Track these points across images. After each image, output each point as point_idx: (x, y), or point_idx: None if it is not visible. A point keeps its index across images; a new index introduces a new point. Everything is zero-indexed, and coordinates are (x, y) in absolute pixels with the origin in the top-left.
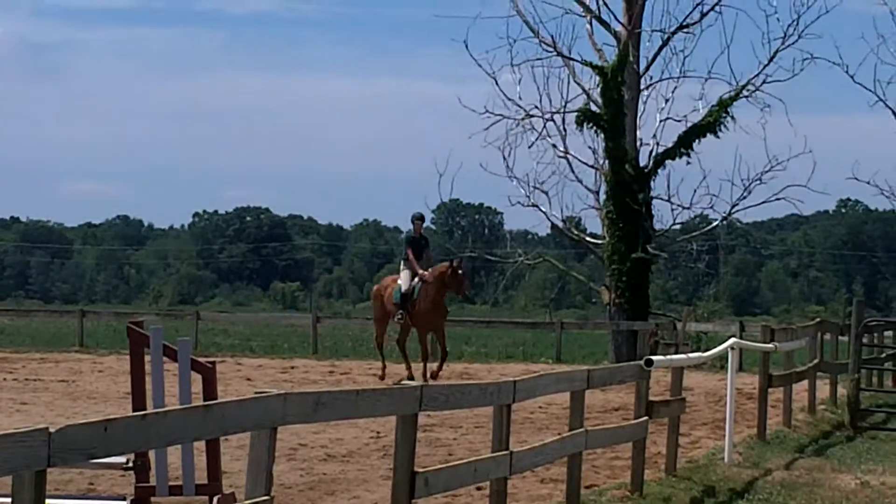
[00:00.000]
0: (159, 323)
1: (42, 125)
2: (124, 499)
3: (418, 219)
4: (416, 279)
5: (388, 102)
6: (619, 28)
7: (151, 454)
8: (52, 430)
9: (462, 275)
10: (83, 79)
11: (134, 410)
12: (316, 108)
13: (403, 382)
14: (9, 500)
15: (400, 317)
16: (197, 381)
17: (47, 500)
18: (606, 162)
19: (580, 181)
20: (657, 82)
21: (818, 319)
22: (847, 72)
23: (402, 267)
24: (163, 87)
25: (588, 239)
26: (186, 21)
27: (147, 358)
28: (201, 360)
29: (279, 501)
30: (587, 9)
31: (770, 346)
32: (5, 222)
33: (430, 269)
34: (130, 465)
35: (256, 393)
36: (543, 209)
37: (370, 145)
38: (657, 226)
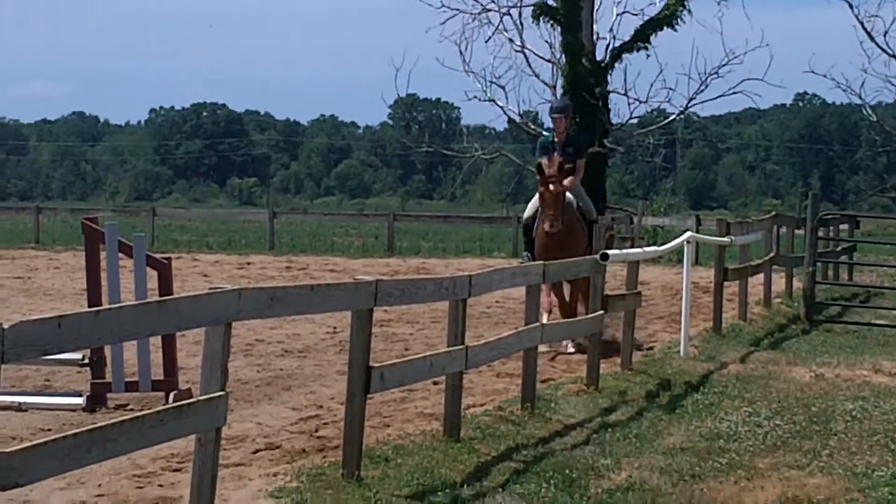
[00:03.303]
0: (115, 219)
1: None
2: (80, 395)
3: (557, 111)
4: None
5: (344, 5)
6: None
7: (108, 351)
8: (4, 326)
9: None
10: None
11: (89, 307)
12: (274, 13)
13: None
14: None
15: (525, 257)
16: (153, 277)
17: (2, 397)
18: (563, 56)
19: (537, 75)
20: None
21: (774, 213)
22: None
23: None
24: None
25: (545, 133)
26: None
27: (103, 254)
28: (157, 256)
29: (236, 397)
30: None
31: (726, 239)
32: None
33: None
34: (87, 361)
35: (211, 288)
36: (500, 104)
37: (329, 46)
38: (614, 120)
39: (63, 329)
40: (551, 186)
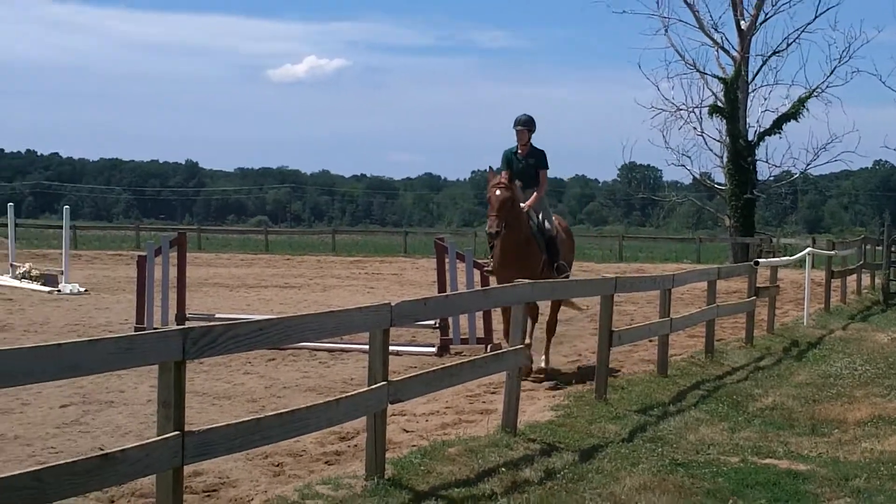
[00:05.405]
0: (452, 239)
1: (377, 117)
2: (433, 346)
3: (521, 124)
4: None
5: (592, 102)
6: (735, 54)
7: (450, 319)
8: (392, 304)
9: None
10: (400, 87)
11: (439, 293)
12: (545, 105)
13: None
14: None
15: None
16: (477, 274)
17: (390, 347)
18: (727, 137)
19: (710, 150)
20: (760, 87)
21: (863, 236)
22: (881, 79)
23: None
24: (448, 91)
25: (716, 185)
26: (455, 52)
27: (446, 260)
28: (480, 261)
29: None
30: (715, 42)
31: (832, 252)
32: (357, 177)
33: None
34: (437, 325)
35: (515, 282)
36: (688, 168)
37: (579, 128)
38: (759, 177)
39: (427, 306)
40: (497, 192)
